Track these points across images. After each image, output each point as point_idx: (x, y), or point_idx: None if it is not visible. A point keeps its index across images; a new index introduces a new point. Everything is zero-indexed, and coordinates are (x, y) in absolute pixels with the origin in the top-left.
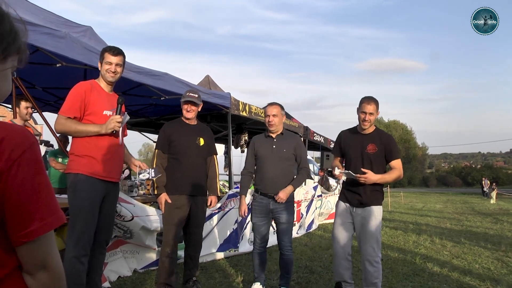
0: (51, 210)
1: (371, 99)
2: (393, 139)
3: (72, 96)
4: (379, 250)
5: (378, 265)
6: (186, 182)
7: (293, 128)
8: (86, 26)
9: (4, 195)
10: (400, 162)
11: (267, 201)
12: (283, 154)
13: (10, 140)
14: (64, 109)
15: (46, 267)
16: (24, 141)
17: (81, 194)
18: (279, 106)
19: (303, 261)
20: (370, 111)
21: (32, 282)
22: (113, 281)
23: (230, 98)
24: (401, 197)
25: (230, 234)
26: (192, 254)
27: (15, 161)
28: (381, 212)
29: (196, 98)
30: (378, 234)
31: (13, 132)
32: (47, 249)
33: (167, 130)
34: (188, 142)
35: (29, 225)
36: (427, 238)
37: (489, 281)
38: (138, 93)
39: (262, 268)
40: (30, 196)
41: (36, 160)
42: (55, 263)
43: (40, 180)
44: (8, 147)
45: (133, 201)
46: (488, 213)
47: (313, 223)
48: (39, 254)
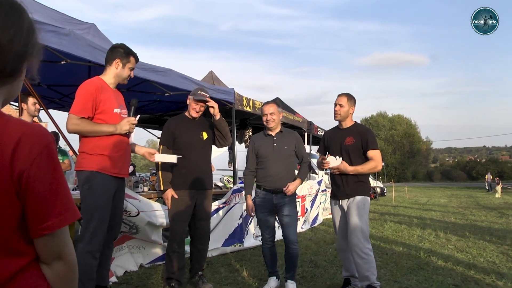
0: (67, 205)
1: (343, 93)
2: (370, 131)
3: (83, 95)
4: (366, 241)
5: (367, 257)
6: (192, 177)
7: (297, 123)
8: (90, 24)
9: (26, 191)
10: (378, 153)
11: (270, 196)
12: (284, 152)
13: (28, 139)
14: (77, 109)
15: (61, 258)
16: (42, 139)
17: (97, 191)
18: (275, 104)
19: (308, 255)
20: (340, 102)
21: (49, 271)
22: (119, 276)
23: (234, 94)
24: (405, 191)
25: (235, 229)
26: (200, 247)
27: (34, 159)
28: (366, 203)
29: (206, 96)
30: (364, 224)
31: (31, 130)
32: (62, 241)
33: (171, 126)
34: (192, 137)
35: (48, 219)
36: (432, 232)
37: (494, 275)
38: (142, 89)
39: (274, 262)
40: (48, 192)
41: (53, 158)
42: (69, 254)
43: (58, 176)
44: (26, 146)
45: (138, 197)
46: (493, 207)
47: (318, 217)
48: (56, 245)
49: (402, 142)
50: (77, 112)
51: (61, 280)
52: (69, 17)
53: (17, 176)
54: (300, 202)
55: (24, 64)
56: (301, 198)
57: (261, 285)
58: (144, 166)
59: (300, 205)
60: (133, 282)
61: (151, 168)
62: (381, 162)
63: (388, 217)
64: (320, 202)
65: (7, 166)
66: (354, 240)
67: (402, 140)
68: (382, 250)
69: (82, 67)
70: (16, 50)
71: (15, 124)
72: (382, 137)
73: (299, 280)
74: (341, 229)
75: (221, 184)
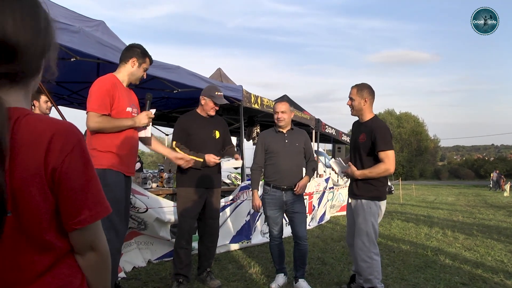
0: (99, 200)
1: (355, 85)
2: (381, 129)
3: (100, 92)
4: (372, 245)
5: (371, 261)
6: (203, 175)
7: (305, 120)
8: (99, 21)
9: (59, 187)
10: (389, 154)
11: (280, 193)
12: (295, 148)
13: (60, 136)
14: (95, 106)
15: (94, 249)
16: (73, 136)
17: (113, 189)
18: (287, 103)
19: (315, 253)
20: (350, 96)
21: (83, 261)
22: (128, 271)
23: (242, 91)
24: (412, 189)
25: (243, 226)
26: (210, 245)
27: (66, 155)
28: (374, 207)
29: (222, 97)
30: (370, 228)
31: (63, 127)
32: (95, 233)
33: (184, 123)
34: (205, 135)
35: (80, 214)
36: (439, 231)
37: (502, 274)
38: (151, 86)
39: (282, 259)
40: (80, 188)
41: (84, 154)
42: (102, 244)
43: (89, 172)
44: (59, 142)
45: (147, 193)
46: (501, 206)
47: (325, 215)
48: (88, 238)
49: (409, 140)
50: (97, 109)
51: (94, 269)
52: (78, 14)
53: (51, 172)
54: (307, 200)
55: (43, 61)
56: (308, 196)
57: (268, 281)
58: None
59: (308, 203)
60: (141, 278)
61: (159, 164)
62: (393, 164)
63: (395, 215)
64: (328, 199)
65: (41, 162)
66: (358, 243)
67: (409, 138)
68: (390, 248)
69: (91, 64)
70: (37, 48)
71: (47, 122)
72: None
73: (306, 277)
74: (349, 227)
75: (228, 181)
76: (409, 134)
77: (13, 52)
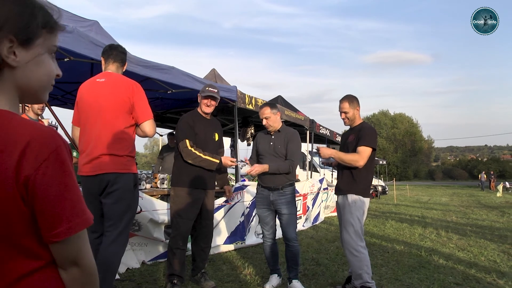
0: (78, 212)
1: (344, 98)
2: (368, 129)
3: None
4: (359, 239)
5: (359, 254)
6: (202, 176)
7: (299, 121)
8: (93, 21)
9: (34, 197)
10: (365, 150)
11: (267, 193)
12: (278, 150)
13: (36, 143)
14: (152, 114)
15: (76, 263)
16: (51, 142)
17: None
18: (269, 106)
19: (309, 253)
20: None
21: (66, 276)
22: (122, 272)
23: (236, 91)
24: (407, 190)
25: (237, 226)
26: (204, 246)
27: (41, 163)
28: (359, 202)
29: (216, 93)
30: (356, 222)
31: (40, 134)
32: (77, 247)
33: (190, 121)
34: (207, 136)
35: (57, 226)
36: (433, 231)
37: (495, 274)
38: (145, 87)
39: (275, 260)
40: (57, 198)
41: (62, 162)
42: (86, 260)
43: (67, 182)
44: (34, 150)
45: (141, 194)
46: (494, 206)
47: (319, 216)
48: (69, 252)
49: (403, 141)
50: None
51: (77, 286)
52: (72, 14)
53: (23, 181)
54: (301, 200)
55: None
56: (302, 196)
57: (263, 282)
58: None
59: (302, 203)
60: (135, 279)
61: (153, 165)
62: (364, 159)
63: (389, 215)
64: (322, 200)
65: (13, 170)
66: (345, 237)
67: (403, 139)
68: (384, 248)
69: (84, 64)
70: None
71: (25, 126)
72: (384, 135)
73: (300, 278)
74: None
75: None
76: (403, 135)
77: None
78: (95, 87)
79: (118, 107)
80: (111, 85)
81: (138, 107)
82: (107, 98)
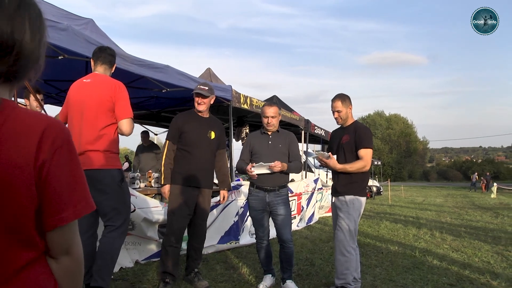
0: (84, 196)
1: (336, 97)
2: (365, 129)
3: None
4: (351, 239)
5: (349, 255)
6: (195, 174)
7: (294, 121)
8: (88, 19)
9: (46, 181)
10: (368, 152)
11: (263, 194)
12: (278, 149)
13: (51, 130)
14: (131, 111)
15: (69, 252)
16: (64, 131)
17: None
18: (276, 107)
19: (303, 254)
20: (337, 109)
21: (56, 265)
22: (115, 272)
23: (231, 91)
24: (401, 191)
25: (231, 226)
26: (197, 246)
27: (56, 149)
28: (356, 202)
29: (206, 90)
30: (351, 222)
31: (54, 123)
32: (73, 235)
33: (179, 121)
34: (199, 134)
35: (64, 210)
36: (427, 232)
37: (489, 275)
38: (140, 85)
39: (269, 261)
40: (68, 184)
41: (73, 150)
42: (77, 249)
43: (77, 168)
44: (50, 137)
45: (135, 193)
46: (488, 207)
47: (314, 216)
48: (66, 239)
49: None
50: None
51: (67, 275)
52: (67, 12)
53: (40, 165)
54: (296, 200)
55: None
56: (297, 196)
57: (256, 282)
58: None
59: (296, 203)
60: (129, 279)
61: None
62: (370, 162)
63: (384, 216)
64: (316, 200)
65: (32, 155)
66: (339, 235)
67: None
68: (378, 249)
69: (79, 62)
70: (35, 51)
71: (40, 115)
72: (379, 136)
73: (294, 278)
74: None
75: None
76: (398, 136)
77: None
78: (81, 87)
79: (100, 106)
80: (95, 85)
81: (118, 106)
82: (90, 98)
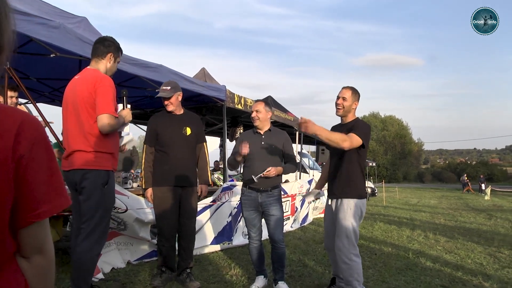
0: (61, 192)
1: (348, 86)
2: (363, 125)
3: (113, 94)
4: (352, 246)
5: (351, 262)
6: (174, 174)
7: (289, 122)
8: (81, 17)
9: (24, 176)
10: (355, 137)
11: (255, 194)
12: (272, 150)
13: (27, 125)
14: (113, 109)
15: (42, 251)
16: (39, 127)
17: (112, 191)
18: (263, 102)
19: (296, 255)
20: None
21: (27, 265)
22: (106, 272)
23: (225, 91)
24: (396, 192)
25: (224, 227)
26: (185, 245)
27: (33, 144)
28: (353, 206)
29: (168, 91)
30: (349, 229)
31: (29, 117)
32: (46, 233)
33: (153, 123)
34: (173, 133)
35: (41, 206)
36: (421, 233)
37: (481, 276)
38: (133, 85)
39: (261, 261)
40: (45, 179)
41: (49, 145)
42: (50, 247)
43: (52, 165)
44: (28, 130)
45: (127, 193)
46: (482, 209)
47: (307, 217)
48: (40, 236)
49: (393, 143)
50: (114, 112)
51: (39, 275)
52: (60, 10)
53: (17, 159)
54: (290, 201)
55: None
56: (291, 197)
57: (249, 283)
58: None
59: (290, 204)
60: (120, 279)
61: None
62: (353, 144)
63: (378, 217)
64: None
65: (10, 149)
66: (338, 244)
67: (393, 141)
68: (371, 250)
69: (72, 60)
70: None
71: (15, 110)
72: (374, 137)
73: (287, 280)
74: (327, 228)
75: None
76: (393, 137)
77: None
78: (71, 85)
79: (84, 103)
80: (80, 82)
81: (97, 101)
82: (76, 95)
